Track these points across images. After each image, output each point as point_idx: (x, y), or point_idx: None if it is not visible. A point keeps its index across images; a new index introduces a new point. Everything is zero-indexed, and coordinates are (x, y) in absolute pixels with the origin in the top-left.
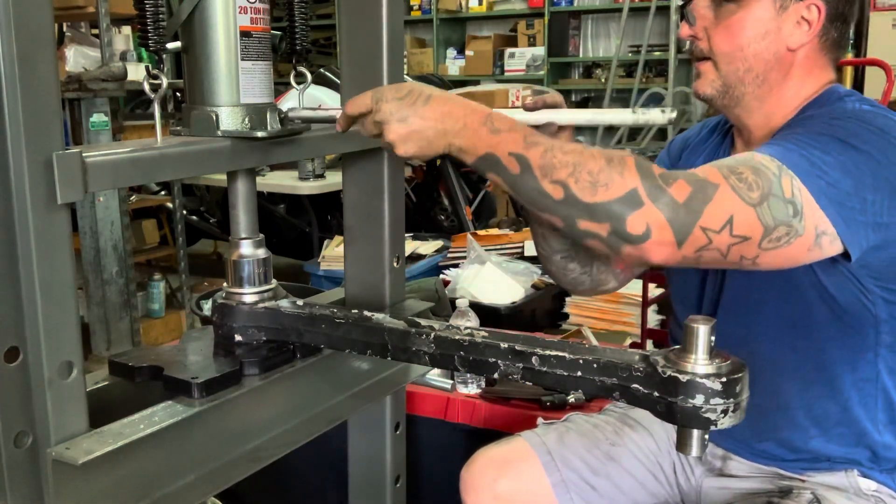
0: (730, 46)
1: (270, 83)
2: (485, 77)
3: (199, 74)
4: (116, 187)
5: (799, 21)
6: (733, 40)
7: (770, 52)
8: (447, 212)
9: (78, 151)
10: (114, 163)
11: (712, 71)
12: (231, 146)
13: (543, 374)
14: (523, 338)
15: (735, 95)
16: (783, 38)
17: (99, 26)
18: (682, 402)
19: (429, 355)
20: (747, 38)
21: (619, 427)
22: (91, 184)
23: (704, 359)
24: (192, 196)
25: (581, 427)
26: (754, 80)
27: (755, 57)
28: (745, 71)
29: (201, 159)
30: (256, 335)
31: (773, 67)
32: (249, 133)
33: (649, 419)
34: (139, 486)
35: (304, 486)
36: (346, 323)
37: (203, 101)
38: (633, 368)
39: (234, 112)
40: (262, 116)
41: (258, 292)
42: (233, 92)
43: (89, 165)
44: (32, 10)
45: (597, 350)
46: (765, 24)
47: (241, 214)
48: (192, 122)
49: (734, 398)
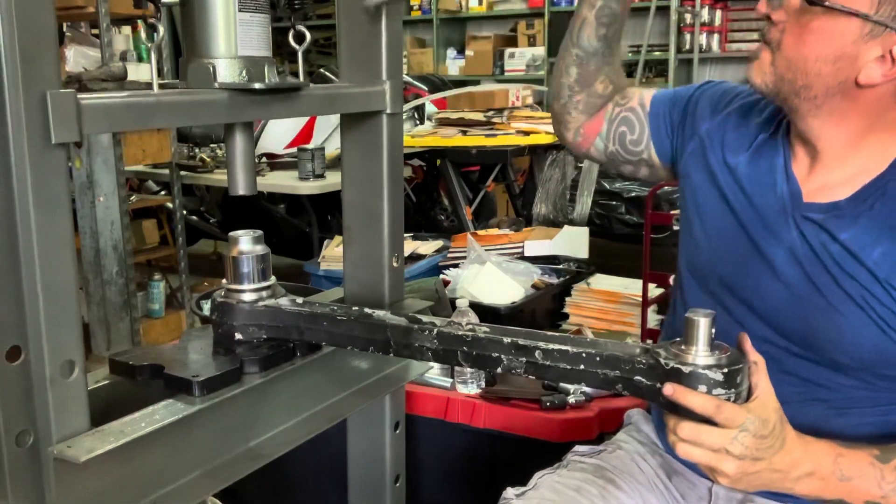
0: (796, 52)
1: (268, 36)
2: (485, 77)
3: (196, 26)
4: (112, 131)
5: (884, 56)
6: (802, 48)
7: (836, 79)
8: (447, 212)
9: (72, 92)
10: (109, 106)
11: (769, 64)
12: (228, 98)
13: (546, 367)
14: (525, 332)
15: (788, 103)
16: (857, 68)
17: (99, 26)
18: None
19: (431, 351)
20: (816, 53)
21: (602, 487)
22: (86, 125)
23: (705, 351)
24: (192, 196)
25: (564, 497)
26: (811, 99)
27: (817, 77)
28: (802, 87)
29: (197, 109)
30: (257, 333)
31: (835, 95)
32: (247, 85)
33: (630, 469)
34: (140, 483)
35: (303, 485)
36: (348, 320)
37: (200, 53)
38: (635, 361)
39: (232, 64)
40: (259, 69)
41: (257, 290)
42: (230, 44)
43: (84, 107)
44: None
45: (599, 343)
46: (842, 46)
47: (239, 171)
48: (189, 74)
49: (735, 388)
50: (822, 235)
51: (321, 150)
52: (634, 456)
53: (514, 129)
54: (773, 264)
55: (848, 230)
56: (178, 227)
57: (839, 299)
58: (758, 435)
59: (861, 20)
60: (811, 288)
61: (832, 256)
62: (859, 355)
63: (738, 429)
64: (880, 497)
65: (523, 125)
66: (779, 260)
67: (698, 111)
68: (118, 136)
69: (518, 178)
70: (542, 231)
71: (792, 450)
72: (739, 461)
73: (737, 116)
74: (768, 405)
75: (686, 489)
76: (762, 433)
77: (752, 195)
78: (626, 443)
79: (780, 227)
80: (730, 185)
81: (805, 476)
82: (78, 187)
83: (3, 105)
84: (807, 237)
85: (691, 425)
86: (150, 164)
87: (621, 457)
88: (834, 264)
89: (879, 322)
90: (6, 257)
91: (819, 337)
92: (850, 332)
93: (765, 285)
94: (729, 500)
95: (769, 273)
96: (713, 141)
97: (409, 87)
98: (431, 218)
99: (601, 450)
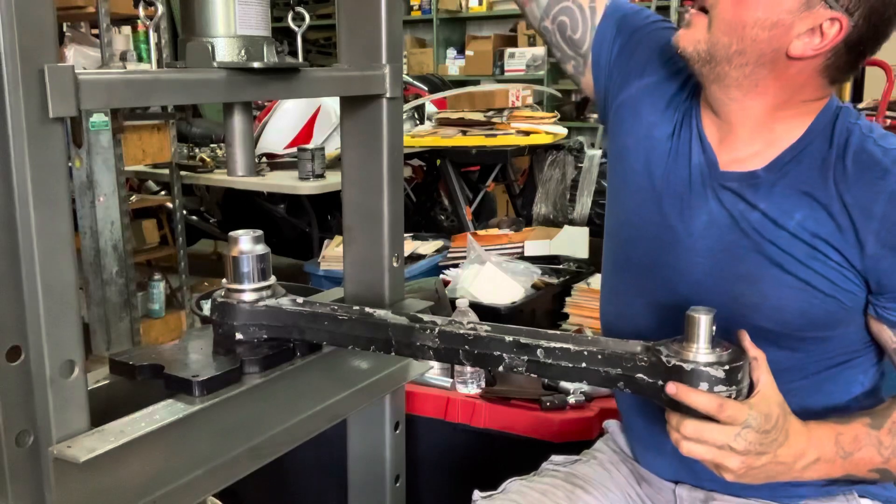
0: (734, 16)
1: (268, 15)
2: (485, 77)
3: (194, 4)
4: (110, 107)
5: (814, 29)
6: (741, 11)
7: (770, 46)
8: (447, 212)
9: (70, 66)
10: (107, 82)
11: (703, 29)
12: (227, 77)
13: (548, 366)
14: (527, 331)
15: (716, 71)
16: (789, 38)
17: (99, 26)
18: None
19: (433, 350)
20: (755, 18)
21: (570, 491)
22: (84, 100)
23: (706, 348)
24: (192, 196)
25: (528, 498)
26: (741, 66)
27: (753, 43)
28: (737, 52)
29: (196, 87)
30: (257, 333)
31: (766, 65)
32: (245, 64)
33: (600, 477)
34: (140, 483)
35: (303, 485)
36: (349, 319)
37: (199, 31)
38: (637, 358)
39: (231, 43)
40: (258, 49)
41: (257, 289)
42: (229, 23)
43: (82, 82)
44: None
45: (600, 341)
46: (779, 13)
47: (238, 152)
48: (188, 52)
49: (736, 385)
50: (740, 204)
51: (321, 150)
52: (607, 465)
53: (514, 129)
54: (692, 238)
55: (766, 200)
56: (178, 227)
57: (759, 264)
58: (761, 430)
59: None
60: (730, 256)
61: (751, 224)
62: (783, 318)
63: (741, 425)
64: (882, 462)
65: (523, 125)
66: (697, 233)
67: (637, 54)
68: (118, 136)
69: (518, 178)
70: (542, 231)
71: (796, 441)
72: (744, 457)
73: (666, 78)
74: (770, 399)
75: (653, 494)
76: (765, 428)
77: (672, 167)
78: (602, 452)
79: (698, 198)
80: (653, 157)
81: (811, 464)
82: (78, 187)
83: (1, 78)
84: (725, 205)
85: (695, 423)
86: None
87: (594, 466)
88: (753, 231)
89: (800, 284)
90: (6, 257)
91: (741, 303)
92: (772, 294)
93: (686, 260)
94: (692, 500)
95: (688, 248)
96: (643, 102)
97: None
98: (431, 218)
99: (576, 459)
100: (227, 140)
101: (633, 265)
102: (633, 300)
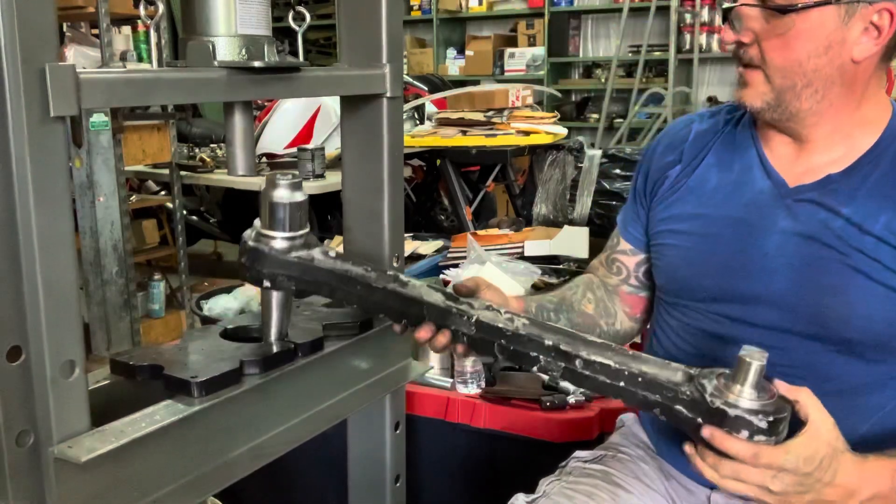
0: (786, 60)
1: (268, 15)
2: (485, 77)
3: (195, 4)
4: (110, 106)
5: (868, 28)
6: (791, 54)
7: (833, 66)
8: (447, 212)
9: (71, 65)
10: (108, 81)
11: (763, 83)
12: (227, 76)
13: (585, 377)
14: (566, 333)
15: (789, 110)
16: (848, 49)
17: (99, 26)
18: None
19: (468, 337)
20: (807, 51)
21: (612, 492)
22: (85, 99)
23: (752, 393)
24: (192, 196)
25: (576, 501)
26: (813, 95)
27: (815, 72)
28: (804, 87)
29: (197, 87)
30: (286, 284)
31: (836, 82)
32: (246, 63)
33: (635, 475)
34: (140, 484)
35: (303, 485)
36: (383, 289)
37: (199, 31)
38: (679, 391)
39: (231, 42)
40: (259, 48)
41: (290, 237)
42: (230, 22)
43: (83, 81)
44: None
45: (640, 358)
46: (828, 36)
47: (239, 151)
48: (189, 52)
49: (776, 436)
50: (822, 213)
51: (321, 150)
52: (636, 460)
53: (514, 129)
54: (766, 257)
55: (849, 204)
56: (178, 227)
57: (844, 274)
58: (799, 473)
59: (834, 6)
60: (812, 269)
61: (834, 232)
62: (872, 328)
63: (778, 469)
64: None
65: (523, 125)
66: (771, 251)
67: (648, 192)
68: (118, 136)
69: (518, 178)
70: (542, 231)
71: (845, 480)
72: (782, 496)
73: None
74: (818, 440)
75: (683, 493)
76: (804, 470)
77: (727, 199)
78: (625, 447)
79: (766, 219)
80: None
81: (867, 501)
82: (78, 187)
83: (2, 77)
84: (801, 219)
85: (731, 465)
86: (150, 164)
87: (626, 463)
88: (837, 239)
89: (888, 291)
90: (7, 257)
91: (828, 317)
92: (860, 304)
93: (764, 280)
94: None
95: (763, 267)
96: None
97: (409, 86)
98: (431, 218)
99: (602, 454)
100: (227, 139)
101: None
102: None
